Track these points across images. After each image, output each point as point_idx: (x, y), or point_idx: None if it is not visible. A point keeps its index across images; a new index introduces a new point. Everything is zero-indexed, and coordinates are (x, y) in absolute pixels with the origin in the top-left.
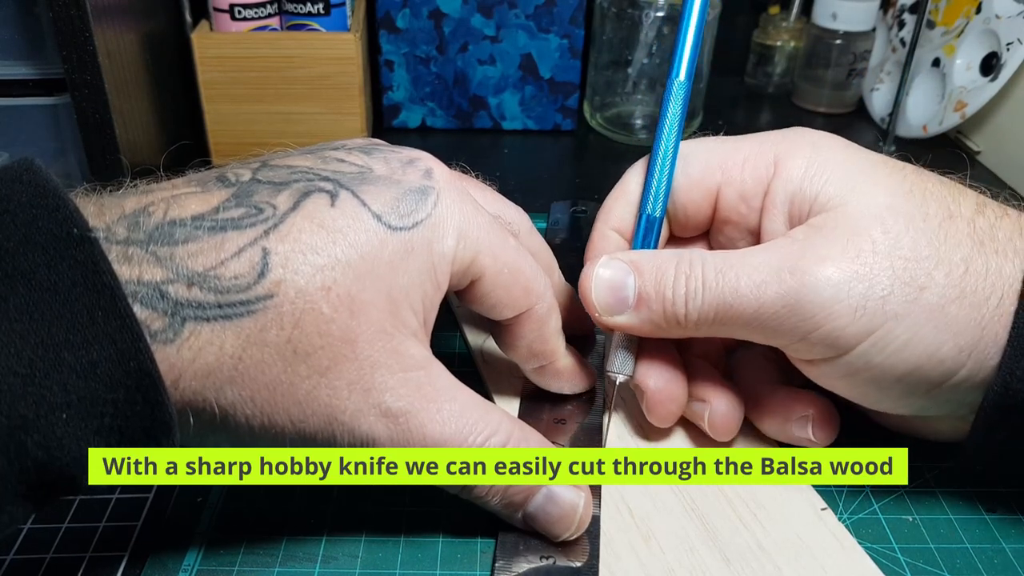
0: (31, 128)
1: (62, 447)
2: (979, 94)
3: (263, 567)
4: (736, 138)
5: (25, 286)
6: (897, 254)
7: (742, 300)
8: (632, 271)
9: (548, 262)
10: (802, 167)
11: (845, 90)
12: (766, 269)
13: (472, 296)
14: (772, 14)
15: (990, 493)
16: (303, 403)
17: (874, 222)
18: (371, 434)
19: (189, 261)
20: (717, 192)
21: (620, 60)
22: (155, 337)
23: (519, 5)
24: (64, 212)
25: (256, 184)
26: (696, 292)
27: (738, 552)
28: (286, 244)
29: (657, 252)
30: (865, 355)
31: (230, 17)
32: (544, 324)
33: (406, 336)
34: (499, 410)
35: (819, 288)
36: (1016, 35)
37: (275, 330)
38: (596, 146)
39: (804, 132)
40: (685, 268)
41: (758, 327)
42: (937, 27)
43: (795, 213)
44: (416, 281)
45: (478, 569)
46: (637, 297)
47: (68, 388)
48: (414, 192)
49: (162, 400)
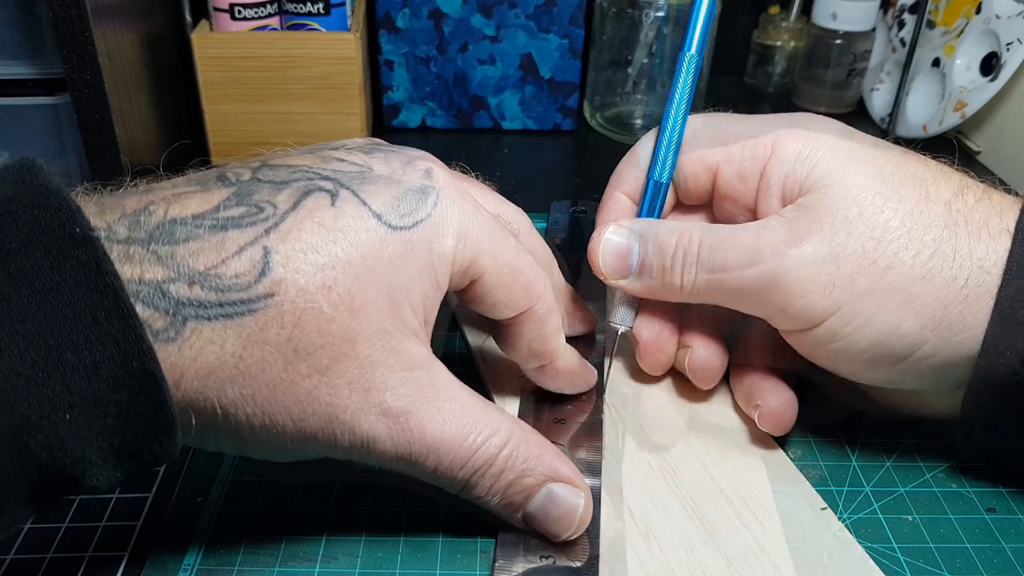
0: (31, 128)
1: (65, 448)
2: (979, 94)
3: (263, 567)
4: (741, 118)
5: (28, 287)
6: (868, 235)
7: (729, 276)
8: (637, 240)
9: (548, 262)
10: (796, 149)
11: (845, 90)
12: (752, 250)
13: (472, 296)
14: (772, 14)
15: (991, 493)
16: (304, 402)
17: (852, 204)
18: (371, 433)
19: (190, 260)
20: (717, 169)
21: (620, 60)
22: (157, 336)
23: (519, 5)
24: (66, 212)
25: (256, 183)
26: (691, 265)
27: (738, 551)
28: (287, 243)
29: (661, 223)
30: (832, 328)
31: (230, 17)
32: (544, 324)
33: (406, 335)
34: (499, 410)
35: (795, 268)
36: (1016, 35)
37: (276, 329)
38: (596, 146)
39: (805, 117)
40: (684, 242)
41: (742, 300)
42: (937, 27)
43: (787, 193)
44: (416, 280)
45: (478, 569)
46: (640, 265)
47: (71, 389)
48: (414, 192)
49: (165, 400)
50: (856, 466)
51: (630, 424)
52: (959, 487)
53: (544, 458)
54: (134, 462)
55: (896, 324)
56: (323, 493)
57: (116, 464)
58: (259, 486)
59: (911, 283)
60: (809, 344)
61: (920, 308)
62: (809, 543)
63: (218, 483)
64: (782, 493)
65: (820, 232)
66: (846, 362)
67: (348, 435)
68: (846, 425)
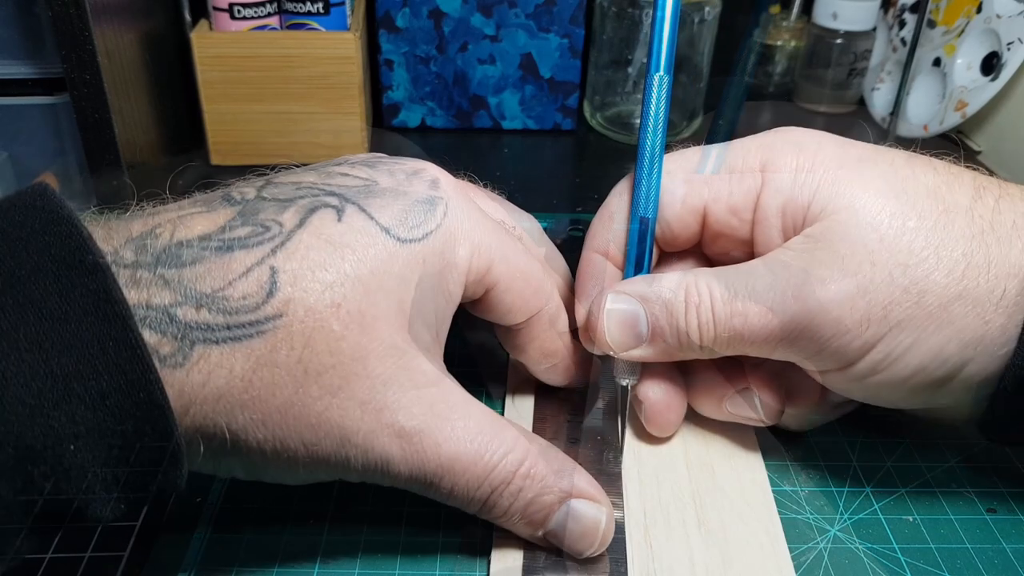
0: (30, 127)
1: (69, 478)
2: (980, 94)
3: (262, 567)
4: (713, 148)
5: (36, 315)
6: (894, 261)
7: (753, 329)
8: (642, 305)
9: (560, 265)
10: (790, 174)
11: (846, 89)
12: (771, 296)
13: (485, 305)
14: (773, 13)
15: (991, 493)
16: (315, 425)
17: (869, 230)
18: (385, 455)
19: (197, 283)
20: (704, 208)
21: (620, 59)
22: (165, 362)
23: (519, 4)
24: (77, 240)
25: (261, 201)
26: (708, 323)
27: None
28: (294, 262)
29: (660, 280)
30: (872, 362)
31: (229, 16)
32: (554, 323)
33: (417, 352)
34: (514, 427)
35: (824, 311)
36: (1017, 34)
37: (285, 350)
38: (596, 146)
39: (787, 133)
40: (694, 298)
41: (770, 349)
42: (938, 26)
43: (788, 223)
44: (428, 294)
45: (477, 570)
46: (651, 332)
47: (76, 419)
48: (422, 203)
49: (172, 431)
50: (857, 466)
51: (629, 417)
52: (960, 487)
53: (563, 474)
54: (139, 493)
55: (938, 348)
56: (323, 493)
57: (121, 495)
58: (259, 486)
59: (948, 304)
60: (847, 380)
61: (961, 327)
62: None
63: (218, 483)
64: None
65: (842, 267)
66: (888, 393)
67: (361, 457)
68: (847, 425)
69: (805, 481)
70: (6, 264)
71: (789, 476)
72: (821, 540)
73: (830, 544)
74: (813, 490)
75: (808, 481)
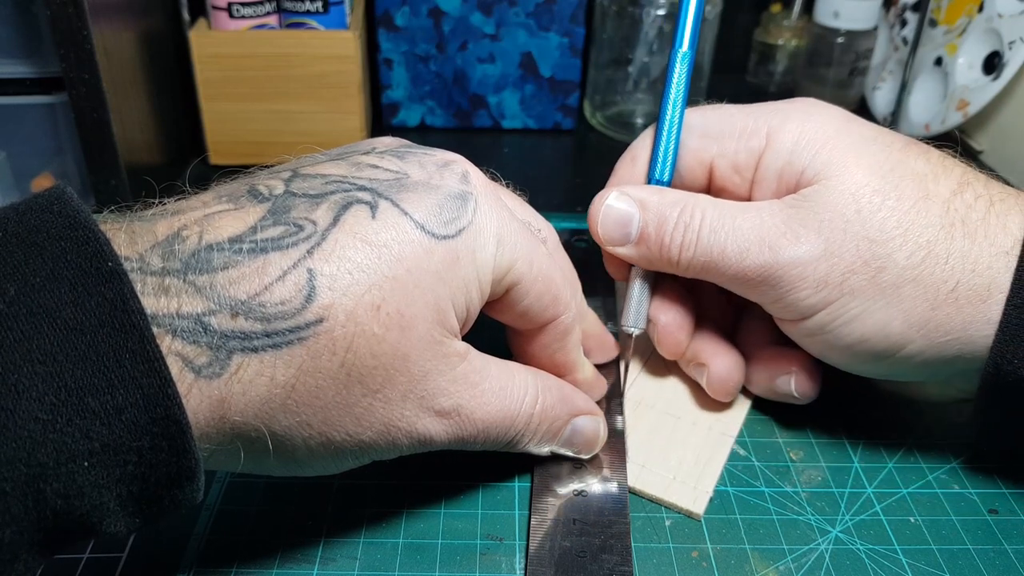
0: (29, 127)
1: (82, 495)
2: (981, 93)
3: (262, 567)
4: (735, 109)
5: (50, 325)
6: (864, 235)
7: (726, 261)
8: (639, 209)
9: (572, 277)
10: (792, 139)
11: (847, 89)
12: (750, 238)
13: (503, 305)
14: (774, 12)
15: (993, 494)
16: (360, 418)
17: (850, 201)
18: (428, 434)
19: (231, 289)
20: (712, 164)
21: (621, 58)
22: (200, 372)
23: (519, 3)
24: (94, 245)
25: (291, 197)
26: (690, 244)
27: None
28: (331, 264)
29: (665, 193)
30: (821, 322)
31: (228, 15)
32: (568, 335)
33: (449, 335)
34: (519, 367)
35: (789, 264)
36: (1018, 34)
37: (327, 356)
38: (596, 145)
39: (801, 103)
40: (686, 217)
41: (737, 285)
42: (939, 26)
43: (784, 185)
44: (461, 289)
45: (477, 570)
46: (639, 234)
47: (91, 435)
48: (454, 198)
49: (189, 447)
50: (858, 467)
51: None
52: (961, 488)
53: (566, 399)
54: (154, 509)
55: (883, 323)
56: (322, 494)
57: (135, 511)
58: (258, 487)
59: (901, 284)
60: (799, 333)
61: (908, 309)
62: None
63: (217, 484)
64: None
65: (817, 229)
66: (834, 354)
67: (406, 439)
68: (848, 426)
69: (807, 482)
70: (20, 271)
71: (791, 477)
72: (823, 541)
73: (832, 545)
74: (815, 491)
75: (810, 482)
